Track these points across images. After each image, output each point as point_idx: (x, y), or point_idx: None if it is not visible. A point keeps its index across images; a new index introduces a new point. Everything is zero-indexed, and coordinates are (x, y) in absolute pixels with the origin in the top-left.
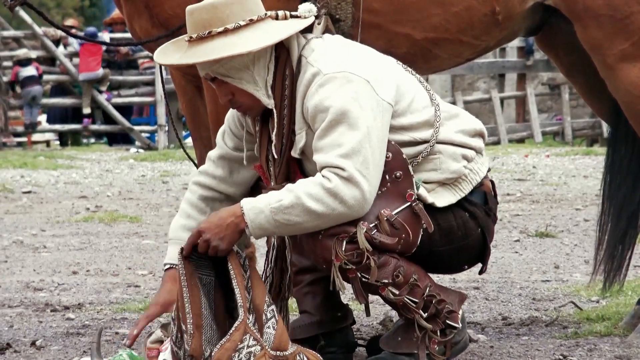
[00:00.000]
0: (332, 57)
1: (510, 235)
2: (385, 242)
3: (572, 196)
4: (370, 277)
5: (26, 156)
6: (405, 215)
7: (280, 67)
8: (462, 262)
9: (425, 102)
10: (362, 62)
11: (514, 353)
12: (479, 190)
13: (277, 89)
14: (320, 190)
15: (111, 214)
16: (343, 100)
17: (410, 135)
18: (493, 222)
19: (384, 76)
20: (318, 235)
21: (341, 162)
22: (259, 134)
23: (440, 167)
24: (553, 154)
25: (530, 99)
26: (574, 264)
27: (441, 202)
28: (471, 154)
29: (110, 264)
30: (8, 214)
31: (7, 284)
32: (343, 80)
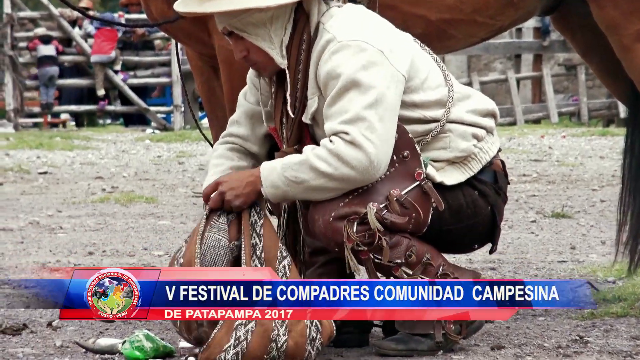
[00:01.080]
0: (348, 25)
1: (526, 215)
2: (396, 221)
3: (589, 177)
4: (383, 257)
5: (42, 137)
6: (415, 195)
7: (298, 31)
8: (472, 241)
9: (439, 81)
10: (378, 33)
11: (530, 334)
12: (489, 169)
13: (293, 51)
14: (324, 150)
15: (127, 194)
16: (354, 69)
17: (420, 113)
18: (503, 202)
19: (400, 49)
20: (329, 218)
21: (344, 127)
22: (274, 95)
23: (450, 145)
24: (569, 135)
25: (546, 79)
26: (590, 245)
27: (450, 180)
28: (482, 133)
29: (127, 245)
30: (24, 195)
31: (23, 265)
32: (356, 48)
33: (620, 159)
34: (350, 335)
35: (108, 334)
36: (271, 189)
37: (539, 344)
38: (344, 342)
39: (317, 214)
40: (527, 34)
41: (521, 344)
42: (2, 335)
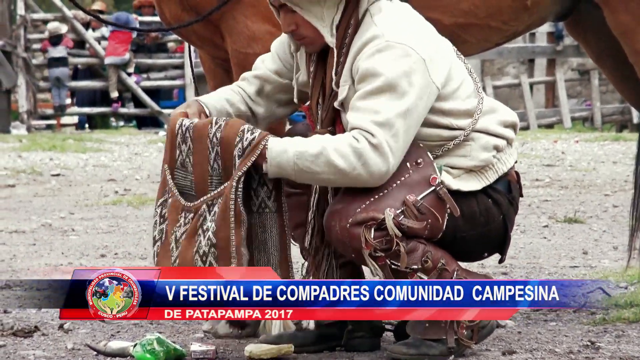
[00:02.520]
0: (397, 25)
1: (538, 220)
2: (413, 227)
3: (601, 182)
4: (400, 263)
5: (55, 139)
6: (431, 200)
7: (348, 13)
8: (483, 250)
9: (469, 92)
10: (423, 39)
11: (542, 339)
12: (504, 179)
13: (340, 32)
14: (347, 147)
15: (140, 197)
16: (396, 73)
17: (448, 120)
18: (515, 212)
19: (440, 58)
20: (346, 224)
21: (373, 129)
22: (313, 74)
23: (471, 154)
24: (582, 140)
25: (559, 84)
26: (602, 250)
27: (466, 187)
28: (502, 143)
29: (139, 247)
30: (37, 197)
31: (35, 267)
32: (402, 52)
33: (633, 164)
34: (362, 340)
35: (119, 337)
36: (275, 168)
37: (550, 349)
38: (356, 347)
39: (333, 220)
40: (541, 39)
41: (532, 349)
42: (13, 337)
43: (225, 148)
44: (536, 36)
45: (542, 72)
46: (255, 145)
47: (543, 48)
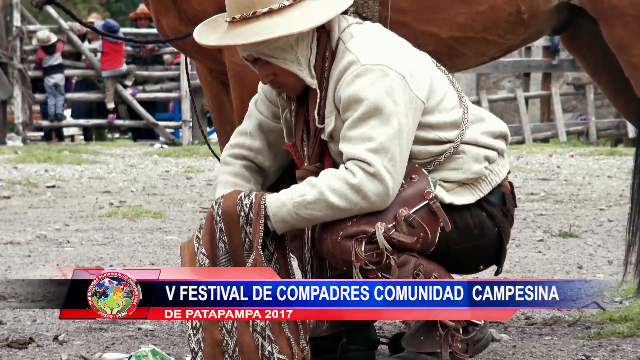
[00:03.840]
0: (371, 47)
1: (533, 234)
2: (404, 241)
3: (596, 196)
4: (391, 276)
5: (50, 150)
6: (423, 214)
7: (321, 49)
8: (479, 262)
9: (454, 103)
10: (399, 56)
11: (537, 353)
12: (498, 191)
13: (317, 69)
14: (344, 185)
15: (135, 209)
16: (378, 95)
17: (436, 134)
18: (510, 224)
19: (420, 72)
20: (337, 237)
21: (369, 157)
22: (295, 113)
23: (463, 167)
24: (577, 154)
25: (555, 98)
26: (597, 265)
27: (460, 201)
28: (493, 155)
29: (134, 260)
30: (32, 209)
31: (30, 278)
32: (380, 73)
33: (628, 178)
34: (357, 352)
35: (114, 349)
36: (280, 223)
37: None
38: (350, 359)
39: (325, 233)
40: (537, 53)
41: None
42: (8, 348)
43: (228, 221)
44: (532, 50)
45: (537, 86)
46: (257, 210)
47: (539, 62)
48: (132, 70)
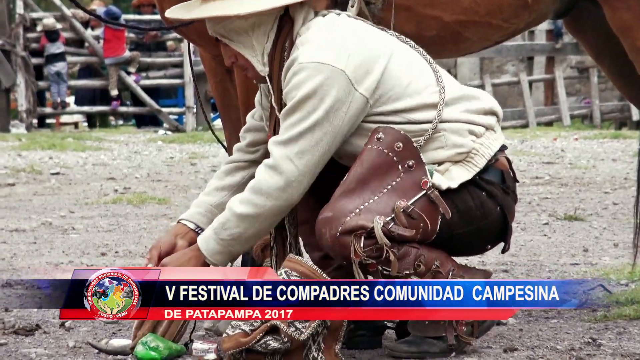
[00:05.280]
0: (316, 43)
1: (539, 218)
2: (404, 234)
3: (601, 179)
4: (391, 270)
5: (54, 138)
6: (422, 204)
7: (281, 39)
8: (485, 243)
9: (426, 83)
10: (345, 50)
11: (543, 336)
12: (495, 168)
13: (276, 59)
14: (246, 192)
15: (139, 195)
16: (305, 91)
17: (406, 117)
18: (513, 201)
19: (368, 65)
20: (336, 233)
21: (273, 148)
22: (270, 104)
23: (446, 143)
24: (581, 137)
25: (558, 82)
26: (602, 247)
27: (457, 181)
28: (479, 130)
29: (139, 246)
30: (37, 196)
31: (35, 266)
32: (313, 70)
33: (632, 161)
34: (363, 338)
35: (121, 335)
36: (217, 255)
37: (551, 346)
38: (357, 344)
39: (323, 227)
40: (540, 37)
41: (534, 346)
42: (15, 335)
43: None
44: (535, 34)
45: (541, 70)
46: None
47: (542, 46)
48: (136, 57)
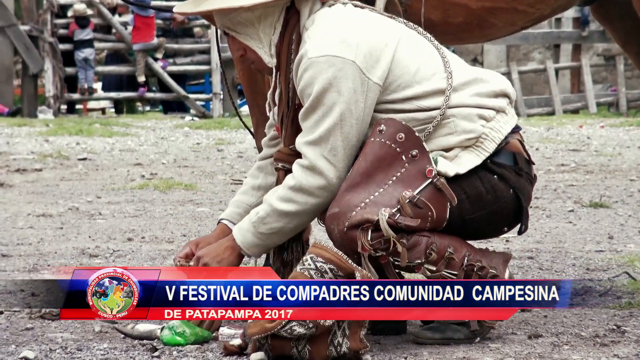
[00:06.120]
0: (322, 36)
1: (564, 205)
2: (410, 224)
3: (627, 167)
4: (401, 260)
5: (82, 123)
6: (429, 193)
7: (289, 30)
8: (500, 226)
9: (433, 70)
10: (353, 41)
11: (568, 323)
12: (506, 150)
13: (284, 50)
14: (287, 190)
15: (166, 181)
16: (322, 86)
17: (416, 104)
18: (530, 182)
19: (377, 53)
20: (343, 228)
21: (305, 149)
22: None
23: (456, 129)
24: (607, 125)
25: (585, 69)
26: (628, 235)
27: (465, 167)
28: (490, 113)
29: (165, 231)
30: (64, 181)
31: (62, 250)
32: (325, 64)
33: None
34: (389, 324)
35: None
36: (254, 248)
37: (576, 333)
38: (382, 330)
39: (332, 223)
40: (567, 24)
41: (558, 332)
42: (41, 320)
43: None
44: (562, 21)
45: (567, 57)
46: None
47: (569, 33)
48: (163, 43)
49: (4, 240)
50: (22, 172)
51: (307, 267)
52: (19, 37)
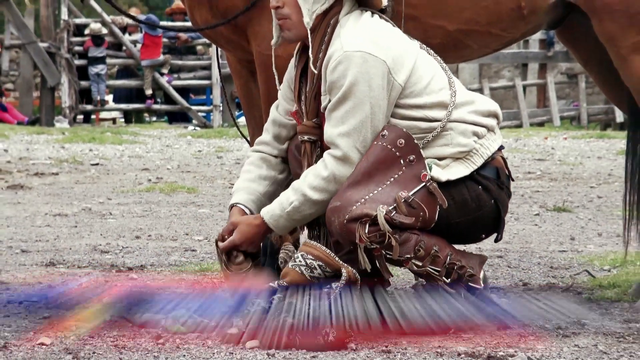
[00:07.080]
0: (357, 34)
1: (530, 209)
2: (404, 221)
3: (587, 175)
4: (393, 254)
5: (94, 132)
6: (422, 195)
7: (332, 14)
8: (479, 232)
9: (441, 85)
10: (384, 44)
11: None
12: (491, 165)
13: (324, 25)
14: (320, 181)
15: (170, 185)
16: (355, 79)
17: (423, 113)
18: (507, 196)
19: (404, 59)
20: (343, 220)
21: (338, 140)
22: (296, 70)
23: (452, 142)
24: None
25: (550, 86)
26: (588, 236)
27: (455, 175)
28: (482, 131)
29: (170, 230)
30: (78, 184)
31: (76, 247)
32: (359, 59)
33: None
34: None
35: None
36: (283, 229)
37: (541, 325)
38: None
39: (332, 215)
40: (534, 45)
41: (525, 324)
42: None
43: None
44: (529, 43)
45: (534, 75)
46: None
47: (535, 54)
48: (168, 60)
49: (23, 237)
50: (40, 176)
51: (298, 264)
52: (38, 53)
